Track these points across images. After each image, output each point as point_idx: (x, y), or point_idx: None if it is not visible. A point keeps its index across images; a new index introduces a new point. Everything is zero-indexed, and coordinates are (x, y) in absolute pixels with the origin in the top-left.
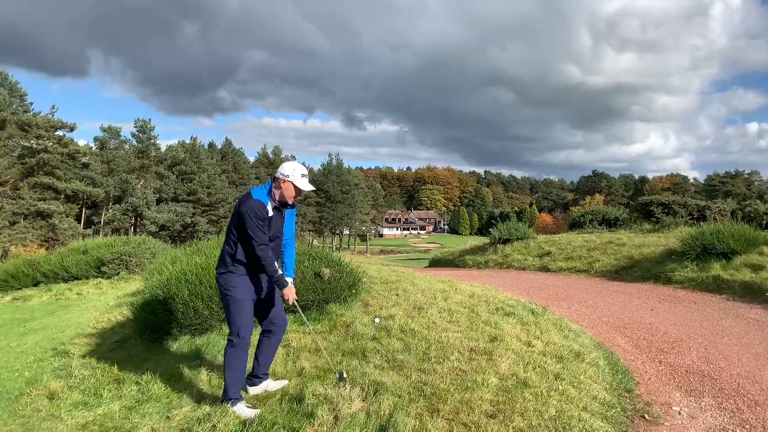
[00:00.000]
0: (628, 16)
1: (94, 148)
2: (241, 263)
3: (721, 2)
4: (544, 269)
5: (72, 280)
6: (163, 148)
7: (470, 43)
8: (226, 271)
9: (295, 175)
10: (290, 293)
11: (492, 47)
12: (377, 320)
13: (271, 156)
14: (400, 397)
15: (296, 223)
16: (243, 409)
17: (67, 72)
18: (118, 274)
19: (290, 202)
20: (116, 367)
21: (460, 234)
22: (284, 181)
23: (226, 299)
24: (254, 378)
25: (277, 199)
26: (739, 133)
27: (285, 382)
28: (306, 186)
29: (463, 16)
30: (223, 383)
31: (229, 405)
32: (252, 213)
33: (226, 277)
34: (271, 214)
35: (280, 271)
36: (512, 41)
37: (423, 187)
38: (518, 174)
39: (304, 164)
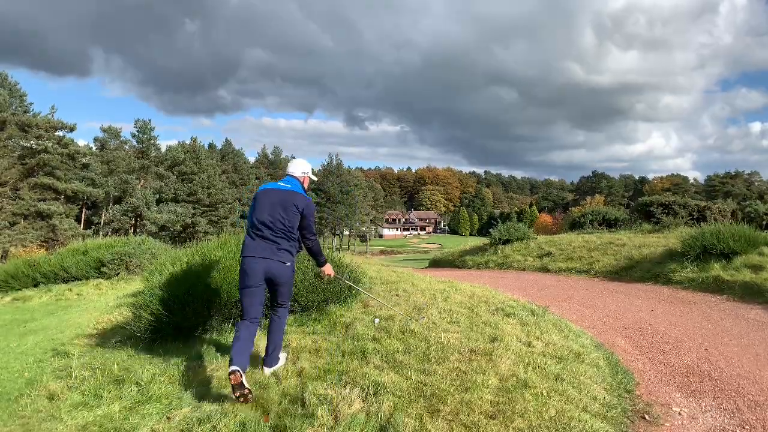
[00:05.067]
0: (635, 13)
1: (94, 148)
2: (295, 254)
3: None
4: (544, 270)
5: (72, 281)
6: (163, 149)
7: (473, 42)
8: (293, 260)
9: (309, 170)
10: (329, 269)
11: (495, 46)
12: (377, 321)
13: (270, 156)
14: (400, 397)
15: None
16: (283, 360)
17: (70, 71)
18: (118, 274)
19: None
20: (116, 367)
21: (460, 234)
22: (307, 177)
23: (292, 280)
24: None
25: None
26: (741, 133)
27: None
28: (314, 177)
29: (466, 14)
30: (271, 347)
31: (280, 361)
32: (313, 210)
33: (293, 266)
34: None
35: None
36: (515, 40)
37: (423, 187)
38: (519, 174)
39: (293, 157)
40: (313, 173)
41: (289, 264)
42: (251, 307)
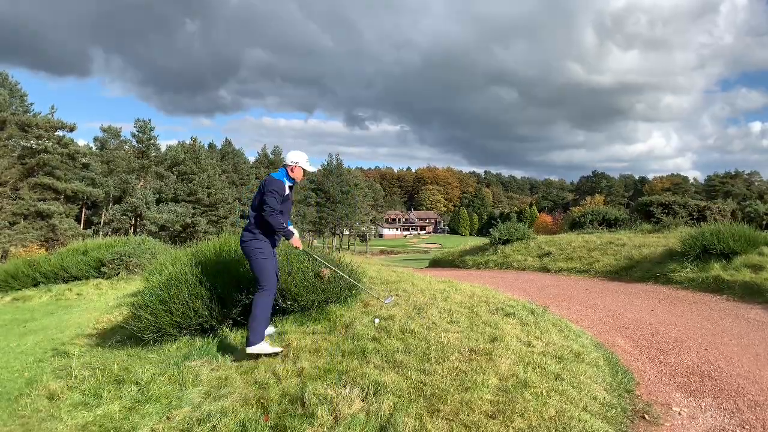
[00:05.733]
0: (636, 12)
1: (93, 148)
2: (264, 232)
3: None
4: (544, 270)
5: (72, 281)
6: (163, 149)
7: (473, 41)
8: (254, 237)
9: (302, 160)
10: (296, 241)
11: (495, 46)
12: (377, 321)
13: (271, 156)
14: (400, 397)
15: (296, 223)
16: (267, 347)
17: (70, 71)
18: (118, 274)
19: (298, 182)
20: (116, 367)
21: (460, 234)
22: (296, 166)
23: (257, 258)
24: None
25: (293, 180)
26: (741, 133)
27: (274, 329)
28: (310, 168)
29: (466, 14)
30: (249, 327)
31: (258, 343)
32: (272, 187)
33: (254, 242)
34: (287, 192)
35: (285, 226)
36: (515, 40)
37: (423, 187)
38: (519, 174)
39: None
40: (310, 177)
41: (246, 241)
42: None
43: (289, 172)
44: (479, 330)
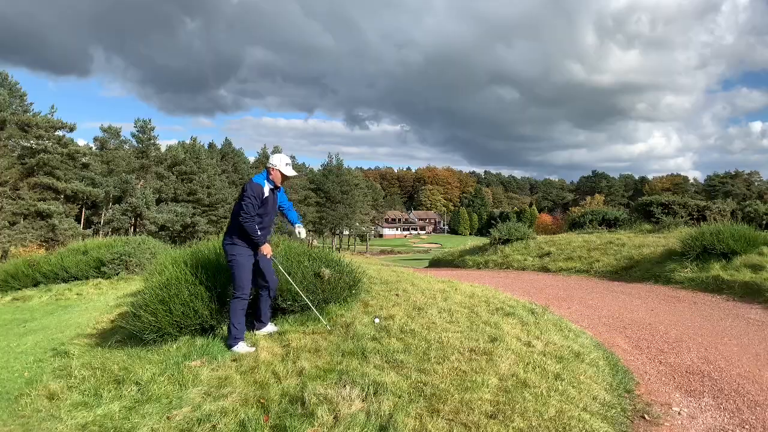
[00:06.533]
0: (637, 12)
1: (93, 148)
2: (240, 237)
3: None
4: (544, 269)
5: (72, 281)
6: (163, 148)
7: (474, 41)
8: (231, 242)
9: (281, 164)
10: (266, 249)
11: (496, 46)
12: (377, 320)
13: (270, 156)
14: (400, 397)
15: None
16: (244, 347)
17: (70, 70)
18: (117, 274)
19: (279, 185)
20: (116, 367)
21: (460, 234)
22: (273, 169)
23: (230, 263)
24: (259, 323)
25: (273, 182)
26: (742, 133)
27: (275, 328)
28: (290, 172)
29: (468, 14)
30: (228, 330)
31: (235, 346)
32: (250, 192)
33: (230, 247)
34: (267, 194)
35: (260, 233)
36: (517, 40)
37: (423, 187)
38: (519, 174)
39: (292, 156)
40: (310, 177)
41: (224, 245)
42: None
43: (269, 175)
44: (479, 330)
